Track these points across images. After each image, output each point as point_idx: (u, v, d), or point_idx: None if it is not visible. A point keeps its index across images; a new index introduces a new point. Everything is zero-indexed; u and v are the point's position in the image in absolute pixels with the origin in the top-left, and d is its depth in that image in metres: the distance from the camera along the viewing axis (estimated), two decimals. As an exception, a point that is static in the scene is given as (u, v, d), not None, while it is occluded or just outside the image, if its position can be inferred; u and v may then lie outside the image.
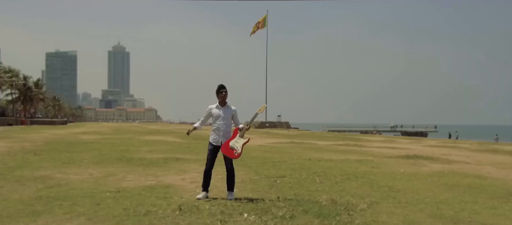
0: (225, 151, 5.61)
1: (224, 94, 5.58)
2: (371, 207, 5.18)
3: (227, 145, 5.59)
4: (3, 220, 4.22)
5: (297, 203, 5.23)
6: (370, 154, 14.70)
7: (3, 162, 9.48)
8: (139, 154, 12.23)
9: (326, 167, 9.55)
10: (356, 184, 7.09)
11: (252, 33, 72.73)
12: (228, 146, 5.56)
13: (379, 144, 22.37)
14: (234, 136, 5.62)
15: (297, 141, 23.43)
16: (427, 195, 6.11)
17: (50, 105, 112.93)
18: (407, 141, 28.78)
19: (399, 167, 10.08)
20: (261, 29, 72.20)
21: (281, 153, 13.75)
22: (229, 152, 5.56)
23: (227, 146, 5.59)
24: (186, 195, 5.75)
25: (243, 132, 5.61)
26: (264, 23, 72.84)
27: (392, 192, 6.29)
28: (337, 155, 13.76)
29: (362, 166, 10.03)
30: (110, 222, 4.23)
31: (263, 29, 72.41)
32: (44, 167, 8.70)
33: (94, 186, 6.37)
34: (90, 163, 9.68)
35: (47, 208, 4.75)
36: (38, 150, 13.38)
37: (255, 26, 72.85)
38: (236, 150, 5.53)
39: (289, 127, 65.48)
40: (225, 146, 5.57)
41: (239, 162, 10.07)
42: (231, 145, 5.57)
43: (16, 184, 6.48)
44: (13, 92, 74.43)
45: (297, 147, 17.72)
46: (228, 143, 5.58)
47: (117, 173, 8.02)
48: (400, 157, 13.32)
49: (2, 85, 64.86)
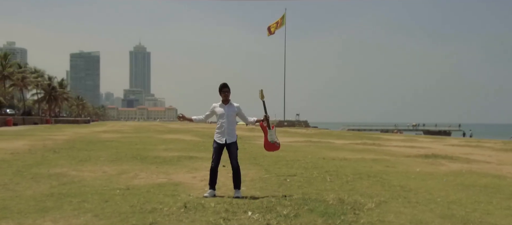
0: (269, 149, 5.88)
1: (227, 93, 5.59)
2: (379, 206, 5.08)
3: (268, 143, 5.84)
4: (13, 215, 4.34)
5: (304, 201, 5.18)
6: (387, 153, 14.45)
7: (23, 160, 9.78)
8: (155, 153, 12.40)
9: (339, 166, 9.43)
10: (368, 183, 6.97)
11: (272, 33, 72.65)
12: (269, 144, 5.82)
13: (398, 143, 21.95)
14: (265, 132, 5.76)
15: (314, 140, 23.25)
16: (440, 195, 5.95)
17: (74, 105, 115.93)
18: (429, 140, 28.12)
19: (415, 167, 9.86)
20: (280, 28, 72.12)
21: (296, 152, 13.68)
22: (272, 147, 5.84)
23: (268, 144, 5.84)
24: (194, 193, 5.78)
25: (268, 122, 5.77)
26: (282, 21, 72.65)
27: (403, 192, 6.15)
28: (353, 154, 13.58)
29: (377, 165, 9.86)
30: (115, 218, 4.30)
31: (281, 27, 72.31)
32: (61, 164, 8.93)
33: (106, 184, 6.49)
34: (105, 161, 9.87)
35: (57, 205, 4.87)
36: (58, 148, 13.74)
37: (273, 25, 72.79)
38: (276, 141, 5.84)
39: (307, 126, 65.13)
40: (267, 144, 5.84)
41: (251, 161, 10.10)
42: (270, 140, 5.82)
43: (32, 181, 6.67)
44: (38, 92, 76.84)
45: (313, 146, 17.59)
46: (267, 141, 5.82)
47: (130, 171, 8.15)
48: (418, 156, 13.04)
49: (28, 85, 66.95)
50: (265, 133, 5.78)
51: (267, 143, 5.81)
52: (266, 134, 5.77)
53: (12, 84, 61.91)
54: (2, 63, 57.81)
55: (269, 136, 5.78)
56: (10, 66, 59.70)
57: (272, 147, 5.83)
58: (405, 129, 77.69)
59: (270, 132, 5.78)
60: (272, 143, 5.80)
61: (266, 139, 5.78)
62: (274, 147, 5.84)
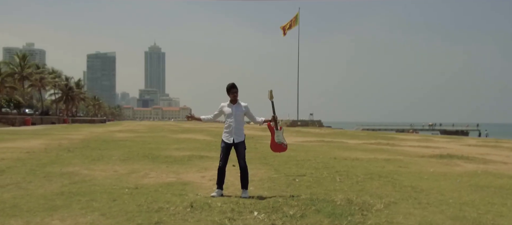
0: (276, 149, 5.90)
1: (235, 93, 5.57)
2: (388, 207, 4.99)
3: (275, 144, 5.85)
4: (23, 213, 4.41)
5: (311, 202, 5.12)
6: (401, 153, 14.23)
7: (38, 159, 9.96)
8: (167, 152, 12.48)
9: (351, 166, 9.32)
10: (378, 183, 6.86)
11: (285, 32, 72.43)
12: (276, 144, 5.81)
13: (413, 143, 21.60)
14: (272, 132, 5.76)
15: (327, 139, 23.08)
16: (452, 196, 5.81)
17: (90, 105, 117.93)
18: (445, 140, 27.59)
19: (429, 167, 9.67)
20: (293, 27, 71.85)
21: (307, 152, 13.58)
22: (279, 148, 5.85)
23: (275, 144, 5.86)
24: (202, 193, 5.78)
25: (276, 123, 5.75)
26: (296, 21, 72.37)
27: (414, 193, 6.03)
28: (365, 154, 13.41)
29: (389, 166, 9.71)
30: (122, 217, 4.32)
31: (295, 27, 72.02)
32: (73, 163, 9.06)
33: (115, 183, 6.54)
34: (117, 160, 9.98)
35: (65, 203, 4.93)
36: (72, 147, 13.97)
37: (287, 24, 72.56)
38: (283, 142, 5.84)
39: (321, 126, 64.68)
40: (274, 145, 5.80)
41: (261, 160, 10.07)
42: (277, 141, 5.83)
43: (44, 179, 6.78)
44: (56, 92, 78.41)
45: (326, 146, 17.45)
46: (274, 142, 5.83)
47: (141, 170, 8.21)
48: (432, 157, 12.80)
49: (46, 85, 68.34)
50: (272, 134, 5.79)
51: (274, 144, 5.82)
52: (273, 134, 5.78)
53: (30, 84, 63.30)
54: (21, 64, 59.13)
55: (276, 137, 5.78)
56: (28, 67, 61.03)
57: (279, 148, 5.82)
58: (421, 129, 76.48)
59: (278, 133, 5.78)
60: (279, 144, 5.80)
61: (273, 140, 5.80)
62: (281, 148, 5.83)
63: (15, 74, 57.11)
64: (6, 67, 57.00)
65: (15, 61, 59.94)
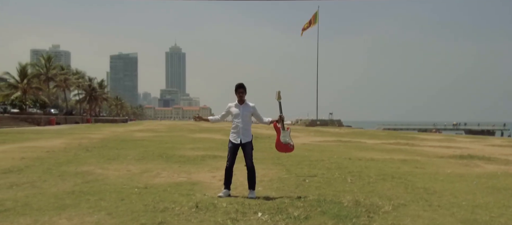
0: (281, 149, 5.85)
1: (242, 93, 5.56)
2: (396, 209, 4.88)
3: (280, 144, 5.81)
4: (32, 212, 4.53)
5: (318, 203, 5.06)
6: (419, 153, 13.91)
7: (56, 158, 10.23)
8: (181, 151, 12.59)
9: (364, 167, 9.17)
10: (390, 185, 6.72)
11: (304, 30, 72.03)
12: (281, 144, 5.77)
13: (434, 143, 21.09)
14: (278, 132, 5.73)
15: (345, 139, 22.81)
16: (465, 198, 5.63)
17: (113, 105, 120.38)
18: (468, 140, 26.80)
19: (446, 168, 9.41)
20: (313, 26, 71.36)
21: (322, 152, 13.45)
22: (285, 148, 5.81)
23: (280, 144, 5.82)
24: (209, 193, 5.80)
25: (282, 123, 5.71)
26: (315, 19, 71.84)
27: (426, 194, 5.88)
28: (382, 154, 13.17)
29: (405, 166, 9.50)
30: (127, 217, 4.38)
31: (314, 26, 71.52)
32: (89, 163, 9.25)
33: (126, 182, 6.64)
34: (132, 159, 10.13)
35: (75, 202, 5.03)
36: (91, 146, 14.28)
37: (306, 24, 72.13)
38: (289, 143, 5.79)
39: (341, 125, 64.03)
40: (279, 145, 5.76)
41: (274, 161, 10.03)
42: (283, 141, 5.79)
43: (58, 178, 6.95)
44: (80, 93, 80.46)
45: (342, 146, 17.24)
46: (279, 142, 5.78)
47: (153, 169, 8.31)
48: (452, 157, 12.46)
49: (70, 86, 70.21)
50: (278, 134, 5.75)
51: (279, 144, 5.77)
52: (279, 134, 5.75)
53: (55, 85, 65.17)
54: (46, 65, 60.89)
55: (282, 137, 5.75)
56: (53, 68, 62.80)
57: (284, 148, 5.77)
58: (444, 129, 74.63)
59: (284, 133, 5.74)
60: (285, 144, 5.75)
61: (278, 139, 5.76)
62: (287, 148, 5.77)
63: (40, 75, 58.87)
64: (32, 69, 58.84)
65: (40, 63, 61.78)
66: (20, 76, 52.31)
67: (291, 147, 5.80)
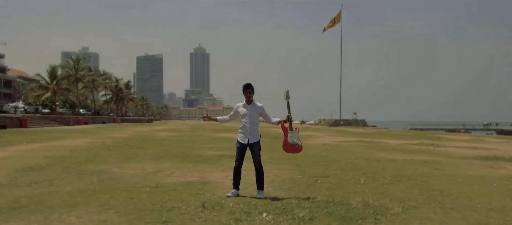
0: (288, 150, 5.82)
1: (250, 93, 5.55)
2: (406, 211, 4.75)
3: (287, 144, 5.78)
4: (44, 209, 4.67)
5: (325, 204, 5.00)
6: (442, 154, 13.51)
7: (77, 157, 10.53)
8: (199, 151, 12.72)
9: (381, 168, 8.98)
10: (404, 186, 6.55)
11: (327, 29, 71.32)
12: (288, 145, 5.74)
13: (461, 144, 20.44)
14: (286, 132, 5.70)
15: (367, 140, 22.43)
16: (481, 201, 5.41)
17: (139, 105, 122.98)
18: (498, 140, 25.82)
19: (468, 169, 9.10)
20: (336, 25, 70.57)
21: (341, 152, 13.27)
22: (292, 149, 5.76)
23: (287, 145, 5.79)
24: (218, 192, 5.82)
25: (290, 124, 5.68)
26: (339, 18, 71.01)
27: (440, 197, 5.69)
28: (402, 154, 12.87)
29: (424, 167, 9.25)
30: (133, 216, 4.45)
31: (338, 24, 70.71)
32: (107, 162, 9.47)
33: (139, 181, 6.76)
34: (149, 159, 10.31)
35: (86, 201, 5.16)
36: (112, 146, 14.63)
37: (330, 22, 71.43)
38: (297, 143, 5.74)
39: (365, 125, 62.99)
40: (286, 145, 5.74)
41: (289, 161, 9.97)
42: (290, 141, 5.75)
43: (75, 177, 7.15)
44: (107, 93, 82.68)
45: (363, 146, 16.96)
46: (286, 142, 5.75)
47: (168, 169, 8.43)
48: (476, 158, 12.05)
49: (97, 87, 72.25)
50: (286, 134, 5.70)
51: (286, 144, 5.72)
52: (286, 135, 5.69)
53: (83, 86, 67.20)
54: (75, 67, 62.89)
55: (289, 138, 5.68)
56: (81, 69, 64.79)
57: (292, 149, 5.72)
58: (474, 129, 72.13)
59: (292, 133, 5.68)
60: (292, 145, 5.69)
61: (286, 140, 5.71)
62: (294, 149, 5.72)
63: (69, 77, 60.86)
64: (61, 70, 60.93)
65: (69, 64, 63.85)
66: (50, 77, 54.28)
67: (299, 147, 5.74)
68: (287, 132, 5.69)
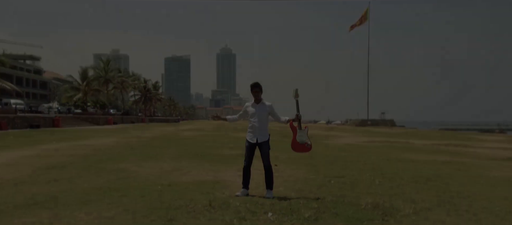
0: (298, 149, 5.76)
1: (257, 92, 5.52)
2: (417, 213, 4.59)
3: (296, 144, 5.73)
4: (57, 206, 4.83)
5: (333, 205, 4.91)
6: (469, 155, 13.01)
7: (99, 156, 10.84)
8: (218, 151, 12.80)
9: (400, 168, 8.74)
10: (421, 187, 6.34)
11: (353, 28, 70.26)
12: (297, 144, 5.69)
13: (492, 144, 19.61)
14: (294, 132, 5.66)
15: (392, 140, 21.91)
16: (501, 204, 5.16)
17: (166, 105, 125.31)
18: (533, 141, 24.58)
19: (494, 171, 8.71)
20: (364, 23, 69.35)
21: (362, 153, 13.02)
22: (301, 148, 5.70)
23: (296, 144, 5.73)
24: (228, 192, 5.84)
25: (299, 123, 5.63)
26: (366, 16, 69.72)
27: (457, 198, 5.47)
28: (425, 155, 12.48)
29: (446, 168, 8.93)
30: (141, 213, 4.52)
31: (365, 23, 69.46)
32: (128, 160, 9.69)
33: (154, 179, 6.87)
34: (168, 158, 10.47)
35: (98, 198, 5.29)
36: (136, 145, 14.97)
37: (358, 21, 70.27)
38: (306, 142, 5.68)
39: (393, 125, 61.55)
40: (295, 145, 5.69)
41: (306, 161, 9.87)
42: (299, 140, 5.70)
43: (94, 175, 7.36)
44: (136, 94, 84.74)
45: (386, 147, 16.57)
46: (295, 142, 5.68)
47: (184, 167, 8.53)
48: (506, 160, 11.53)
49: (126, 88, 74.16)
50: (294, 133, 5.64)
51: (295, 143, 5.65)
52: (295, 134, 5.63)
53: (113, 87, 69.17)
54: (105, 68, 64.83)
55: (298, 137, 5.61)
56: (111, 71, 66.72)
57: (301, 148, 5.64)
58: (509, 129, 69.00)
59: (301, 132, 5.61)
60: (301, 144, 5.62)
61: (295, 139, 5.64)
62: (303, 148, 5.64)
63: (99, 78, 62.81)
64: (92, 72, 62.99)
65: (100, 66, 65.87)
66: (82, 78, 56.19)
67: (308, 146, 5.65)
68: (296, 131, 5.64)
